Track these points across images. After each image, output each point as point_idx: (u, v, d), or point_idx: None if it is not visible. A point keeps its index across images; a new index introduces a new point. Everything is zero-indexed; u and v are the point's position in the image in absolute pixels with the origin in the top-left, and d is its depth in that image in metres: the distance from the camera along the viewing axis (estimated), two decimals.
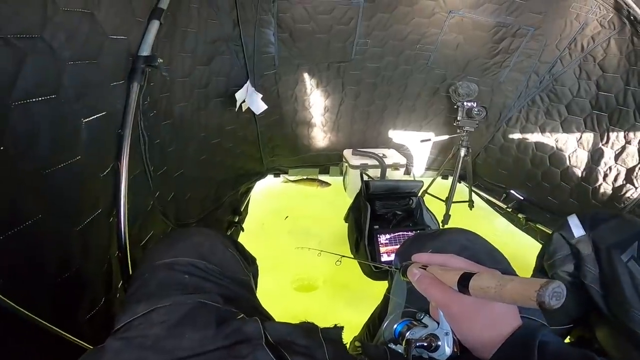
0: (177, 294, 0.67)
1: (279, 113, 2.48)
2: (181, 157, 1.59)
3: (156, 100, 1.31)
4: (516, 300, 0.46)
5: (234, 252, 0.88)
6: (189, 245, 0.79)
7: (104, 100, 0.95)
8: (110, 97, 0.99)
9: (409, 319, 0.70)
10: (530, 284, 0.45)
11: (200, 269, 0.75)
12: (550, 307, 0.42)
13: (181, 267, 0.73)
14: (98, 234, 0.95)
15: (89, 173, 0.90)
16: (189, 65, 1.58)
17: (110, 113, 0.98)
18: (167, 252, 0.76)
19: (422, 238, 0.94)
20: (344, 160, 2.80)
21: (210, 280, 0.75)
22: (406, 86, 2.61)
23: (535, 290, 0.43)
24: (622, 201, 1.91)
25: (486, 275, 0.52)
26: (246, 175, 2.50)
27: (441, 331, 0.62)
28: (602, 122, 2.05)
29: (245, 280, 0.86)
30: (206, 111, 1.80)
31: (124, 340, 0.56)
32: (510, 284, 0.47)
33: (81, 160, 0.84)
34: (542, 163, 2.42)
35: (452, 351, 0.61)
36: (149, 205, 1.28)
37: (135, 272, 0.78)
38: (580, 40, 2.14)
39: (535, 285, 0.43)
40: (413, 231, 1.96)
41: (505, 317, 0.56)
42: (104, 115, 0.93)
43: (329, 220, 2.47)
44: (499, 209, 2.77)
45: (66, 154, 0.80)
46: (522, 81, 2.49)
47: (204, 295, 0.68)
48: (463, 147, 2.39)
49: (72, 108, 0.81)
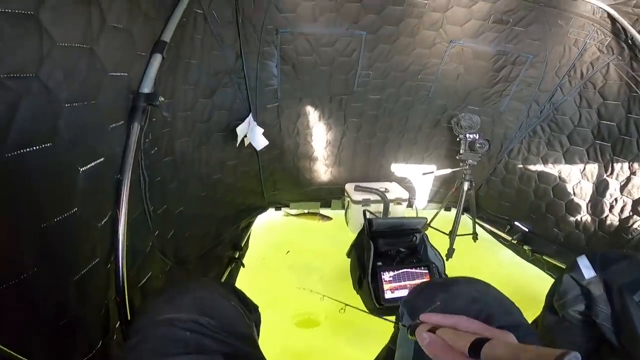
0: (178, 354, 0.66)
1: (280, 147, 2.47)
2: (182, 194, 1.56)
3: (157, 137, 1.27)
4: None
5: (236, 303, 0.87)
6: (191, 300, 0.78)
7: (103, 144, 0.92)
8: (109, 140, 0.95)
9: None
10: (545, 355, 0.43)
11: (201, 325, 0.73)
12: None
13: (182, 323, 0.71)
14: (96, 281, 0.93)
15: (86, 224, 0.87)
16: (191, 98, 1.57)
17: (109, 158, 0.95)
18: (168, 307, 0.75)
19: (430, 289, 0.91)
20: (346, 195, 2.78)
21: (211, 337, 0.73)
22: (407, 118, 2.61)
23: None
24: (629, 232, 1.88)
25: (499, 343, 0.50)
26: (247, 210, 2.47)
27: None
28: (606, 152, 2.04)
29: (247, 333, 0.84)
30: (208, 146, 1.78)
31: None
32: (525, 355, 0.46)
33: (78, 212, 0.81)
34: (545, 195, 2.40)
35: None
36: (148, 247, 1.24)
37: (134, 324, 0.76)
38: (580, 67, 2.16)
39: (550, 357, 0.42)
40: (417, 267, 1.92)
41: None
42: (102, 162, 0.90)
43: (331, 255, 2.42)
44: (504, 241, 2.73)
45: (63, 206, 0.77)
46: (523, 110, 2.50)
47: (206, 356, 0.67)
48: (466, 181, 2.37)
49: (68, 156, 0.78)
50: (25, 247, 0.68)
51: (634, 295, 0.93)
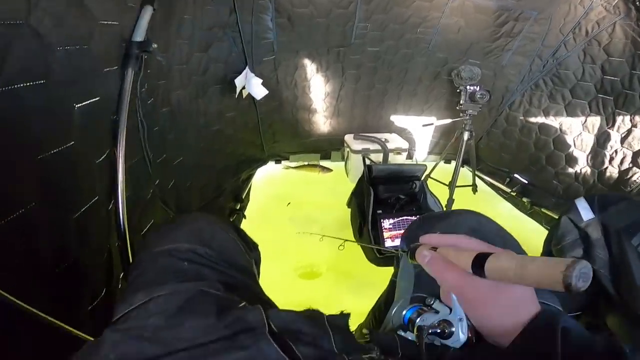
0: (176, 282, 0.64)
1: (278, 99, 2.46)
2: (181, 144, 1.57)
3: (153, 87, 1.29)
4: (539, 283, 0.42)
5: (236, 238, 0.85)
6: (189, 230, 0.76)
7: (98, 86, 0.93)
8: (105, 83, 0.96)
9: (419, 305, 0.66)
10: (555, 264, 0.41)
11: (200, 255, 0.72)
12: (577, 290, 0.39)
13: (181, 253, 0.70)
14: (96, 222, 0.93)
15: (84, 159, 0.88)
16: (186, 52, 1.56)
17: (105, 99, 0.96)
18: (166, 239, 0.73)
19: (429, 220, 0.90)
20: (346, 146, 2.78)
21: (210, 267, 0.71)
22: (407, 70, 2.57)
23: (562, 271, 0.39)
24: (628, 184, 1.89)
25: (504, 255, 0.48)
26: (247, 162, 2.49)
27: (454, 317, 0.57)
28: (608, 105, 2.02)
29: (247, 266, 0.83)
30: (205, 98, 1.79)
31: (121, 332, 0.53)
32: (533, 264, 0.43)
33: (75, 145, 0.81)
34: (546, 146, 2.39)
35: (467, 337, 0.57)
36: (149, 194, 1.27)
37: (134, 260, 0.75)
38: (585, 25, 2.10)
39: (561, 266, 0.40)
40: (417, 215, 1.94)
41: (524, 302, 0.53)
42: (97, 101, 0.91)
43: (331, 206, 2.46)
44: (503, 193, 2.75)
45: (59, 139, 0.78)
46: (525, 65, 2.45)
47: (204, 282, 0.65)
48: (466, 130, 2.35)
49: (63, 93, 0.78)
50: (22, 180, 0.68)
51: (632, 238, 0.91)
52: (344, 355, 0.53)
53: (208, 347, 0.51)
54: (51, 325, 0.70)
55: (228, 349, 0.51)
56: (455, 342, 0.57)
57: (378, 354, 0.55)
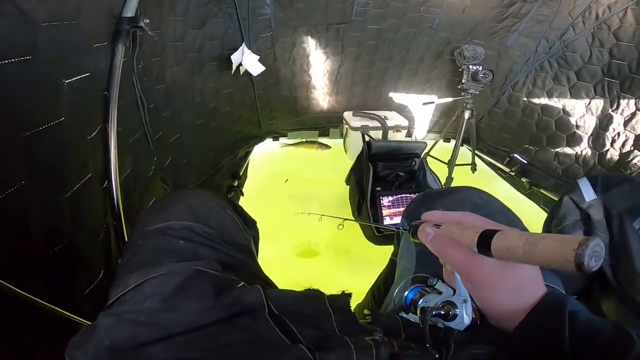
0: (172, 262, 0.62)
1: (276, 76, 2.43)
2: (177, 122, 1.56)
3: (147, 65, 1.27)
4: (549, 262, 0.40)
5: (233, 215, 0.81)
6: (184, 207, 0.72)
7: (88, 61, 0.91)
8: (95, 58, 0.94)
9: (421, 286, 0.64)
10: (567, 242, 0.38)
11: (196, 233, 0.69)
12: (590, 270, 0.37)
13: (175, 232, 0.67)
14: (90, 201, 0.91)
15: (75, 135, 0.86)
16: (180, 29, 1.53)
17: (96, 74, 0.94)
18: (160, 217, 0.70)
19: (431, 196, 0.87)
20: (344, 122, 2.76)
21: (207, 245, 0.69)
22: (409, 49, 2.53)
23: (574, 249, 0.37)
24: (629, 167, 1.88)
25: (512, 233, 0.45)
26: (244, 139, 2.48)
27: (458, 298, 0.56)
28: (613, 89, 1.99)
29: (245, 244, 0.80)
30: (201, 75, 1.76)
31: (115, 316, 0.52)
32: (543, 242, 0.41)
33: (65, 121, 0.79)
34: (547, 127, 2.37)
35: (471, 319, 0.55)
36: (150, 171, 1.26)
37: (127, 241, 0.72)
38: (596, 9, 2.04)
39: (573, 244, 0.37)
40: (416, 193, 1.93)
41: (530, 283, 0.51)
42: (88, 77, 0.89)
43: (330, 183, 2.46)
44: (502, 173, 2.74)
45: (48, 115, 0.76)
46: (531, 46, 2.40)
47: (201, 262, 0.62)
48: (467, 109, 2.33)
49: (51, 69, 0.76)
50: (10, 157, 0.66)
51: (633, 221, 0.87)
52: (345, 337, 0.52)
53: (206, 330, 0.50)
54: (46, 310, 0.68)
55: (226, 331, 0.50)
56: (459, 324, 0.55)
57: (381, 335, 0.54)
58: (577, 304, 0.51)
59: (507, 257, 0.45)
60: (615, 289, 0.91)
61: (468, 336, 0.55)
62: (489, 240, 0.47)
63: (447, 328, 0.57)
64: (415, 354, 0.52)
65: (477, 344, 0.53)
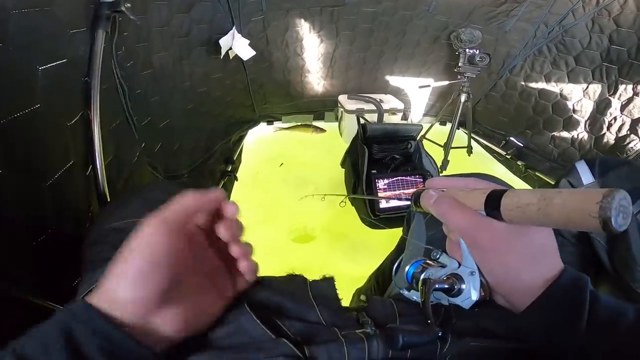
0: None
1: (269, 60, 2.39)
2: (166, 107, 1.55)
3: (132, 50, 1.26)
4: (569, 220, 0.34)
5: None
6: (142, 202, 0.69)
7: (64, 48, 0.89)
8: (72, 44, 0.92)
9: (423, 259, 0.57)
10: (588, 194, 0.33)
11: None
12: (617, 228, 0.31)
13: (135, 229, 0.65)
14: (74, 189, 0.90)
15: (53, 122, 0.84)
16: (165, 13, 1.50)
17: (73, 61, 0.92)
18: (115, 215, 0.67)
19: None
20: (339, 106, 2.74)
21: None
22: (405, 32, 2.49)
23: (597, 202, 0.31)
24: (625, 151, 1.88)
25: (522, 191, 0.39)
26: (237, 123, 2.46)
27: (464, 270, 0.49)
28: (612, 74, 1.97)
29: None
30: (189, 60, 1.74)
31: None
32: (560, 197, 0.35)
33: (41, 108, 0.78)
34: (544, 111, 2.36)
35: (480, 295, 0.48)
36: (135, 157, 1.25)
37: (90, 237, 0.68)
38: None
39: (597, 196, 0.32)
40: (412, 176, 1.93)
41: (546, 252, 0.46)
42: (65, 63, 0.87)
43: (325, 167, 2.45)
44: (498, 156, 2.74)
45: (22, 102, 0.74)
46: (530, 31, 2.37)
47: None
48: (464, 92, 2.32)
49: (23, 56, 0.75)
50: None
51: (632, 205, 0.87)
52: (334, 328, 0.48)
53: None
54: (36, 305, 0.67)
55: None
56: (466, 300, 0.49)
57: (373, 328, 0.48)
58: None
59: (520, 219, 0.40)
60: (610, 275, 0.90)
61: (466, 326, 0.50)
62: (498, 200, 0.41)
63: (452, 306, 0.51)
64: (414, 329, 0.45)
65: (475, 337, 0.48)
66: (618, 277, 0.87)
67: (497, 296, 0.51)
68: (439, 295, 0.51)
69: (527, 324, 0.46)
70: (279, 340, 0.44)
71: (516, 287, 0.47)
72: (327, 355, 0.44)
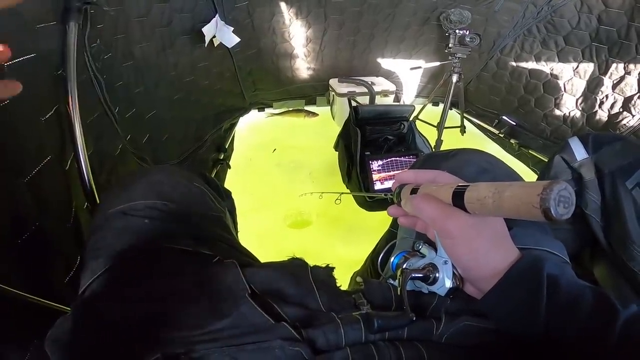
0: (138, 243, 0.60)
1: (256, 46, 2.36)
2: (152, 98, 1.53)
3: (110, 42, 1.24)
4: (518, 210, 0.38)
5: (202, 187, 0.77)
6: (145, 185, 0.68)
7: (31, 42, 0.86)
8: (40, 39, 0.90)
9: (407, 250, 0.61)
10: (531, 187, 0.36)
11: (160, 210, 0.65)
12: (559, 218, 0.34)
13: (138, 212, 0.63)
14: (53, 184, 0.89)
15: (25, 117, 0.82)
16: (144, 3, 1.47)
17: (43, 55, 0.90)
18: (120, 197, 0.66)
19: (434, 158, 0.80)
20: (331, 89, 2.73)
21: (176, 221, 0.66)
22: (394, 15, 2.47)
23: (538, 193, 0.35)
24: (617, 128, 1.88)
25: (482, 185, 0.44)
26: (228, 111, 2.44)
27: (439, 260, 0.53)
28: (602, 53, 1.96)
29: (217, 216, 0.77)
30: (173, 50, 1.72)
31: None
32: (509, 189, 0.39)
33: (9, 104, 0.75)
34: (536, 90, 2.36)
35: (453, 283, 0.52)
36: (118, 149, 1.24)
37: (90, 226, 0.68)
38: None
39: (537, 188, 0.35)
40: (406, 156, 1.93)
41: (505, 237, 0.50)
42: (34, 57, 0.85)
43: (319, 150, 2.46)
44: (491, 135, 2.75)
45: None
46: (519, 11, 2.35)
47: (170, 239, 0.61)
48: (455, 73, 2.33)
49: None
50: None
51: (626, 181, 0.84)
52: (332, 313, 0.51)
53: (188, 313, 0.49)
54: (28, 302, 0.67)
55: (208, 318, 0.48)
56: (441, 288, 0.53)
57: (369, 309, 0.52)
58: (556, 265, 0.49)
59: (480, 210, 0.44)
60: (607, 252, 0.90)
61: (460, 307, 0.54)
62: (462, 194, 0.46)
63: (431, 294, 0.55)
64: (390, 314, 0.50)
65: (469, 316, 0.51)
66: (613, 253, 0.87)
67: (467, 285, 0.54)
68: (419, 284, 0.55)
69: (488, 307, 0.50)
70: (279, 324, 0.47)
71: (485, 272, 0.49)
72: (325, 337, 0.47)
